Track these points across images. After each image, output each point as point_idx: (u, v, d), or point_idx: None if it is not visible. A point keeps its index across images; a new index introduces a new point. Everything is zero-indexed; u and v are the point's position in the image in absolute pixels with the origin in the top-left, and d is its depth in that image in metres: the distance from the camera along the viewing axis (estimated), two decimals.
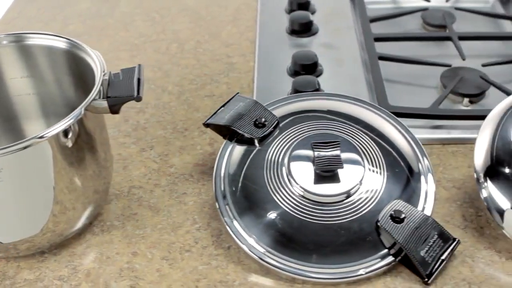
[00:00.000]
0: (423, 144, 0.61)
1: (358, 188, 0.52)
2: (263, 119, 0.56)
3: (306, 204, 0.51)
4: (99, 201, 0.54)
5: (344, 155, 0.53)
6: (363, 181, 0.52)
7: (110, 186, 0.58)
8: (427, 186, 0.53)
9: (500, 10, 0.81)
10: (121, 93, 0.50)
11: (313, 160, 0.52)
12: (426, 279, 0.49)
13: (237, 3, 0.83)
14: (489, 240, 0.53)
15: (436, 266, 0.49)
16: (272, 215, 0.51)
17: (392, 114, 0.57)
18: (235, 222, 0.51)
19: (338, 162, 0.51)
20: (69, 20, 0.83)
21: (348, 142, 0.54)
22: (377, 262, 0.49)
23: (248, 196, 0.53)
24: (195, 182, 0.58)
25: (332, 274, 0.49)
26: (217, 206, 0.52)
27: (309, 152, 0.53)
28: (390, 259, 0.50)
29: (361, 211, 0.51)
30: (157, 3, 0.85)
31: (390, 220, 0.50)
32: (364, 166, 0.53)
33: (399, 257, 0.50)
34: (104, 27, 0.80)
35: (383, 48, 0.72)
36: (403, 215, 0.50)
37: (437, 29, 0.76)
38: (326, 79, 0.68)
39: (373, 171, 0.53)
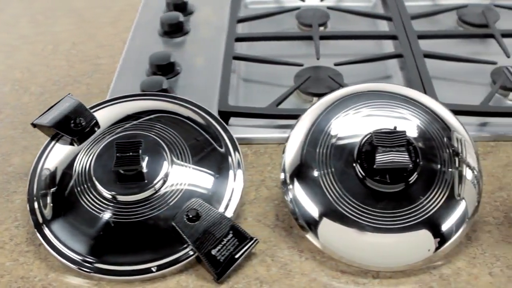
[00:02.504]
0: (258, 144, 0.62)
1: (162, 185, 0.53)
2: (81, 119, 0.57)
3: (111, 204, 0.52)
4: None
5: (150, 154, 0.54)
6: (168, 178, 0.53)
7: None
8: (235, 184, 0.54)
9: (381, 10, 0.81)
10: None
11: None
12: (217, 277, 0.50)
13: (122, 4, 0.85)
14: (295, 240, 0.53)
15: (228, 265, 0.50)
16: (77, 216, 0.53)
17: (213, 114, 0.58)
18: (42, 222, 0.53)
19: (136, 161, 0.52)
20: None
21: (158, 141, 0.55)
22: (171, 260, 0.50)
23: (59, 197, 0.54)
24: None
25: (125, 271, 0.50)
26: (28, 206, 0.54)
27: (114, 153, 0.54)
28: (183, 256, 0.50)
29: (163, 209, 0.52)
30: (45, 5, 0.86)
31: (185, 219, 0.51)
32: (169, 163, 0.54)
33: (194, 255, 0.51)
34: None
35: (260, 48, 0.73)
36: (198, 214, 0.51)
37: (309, 28, 0.76)
38: (182, 79, 0.69)
39: (181, 165, 0.54)
